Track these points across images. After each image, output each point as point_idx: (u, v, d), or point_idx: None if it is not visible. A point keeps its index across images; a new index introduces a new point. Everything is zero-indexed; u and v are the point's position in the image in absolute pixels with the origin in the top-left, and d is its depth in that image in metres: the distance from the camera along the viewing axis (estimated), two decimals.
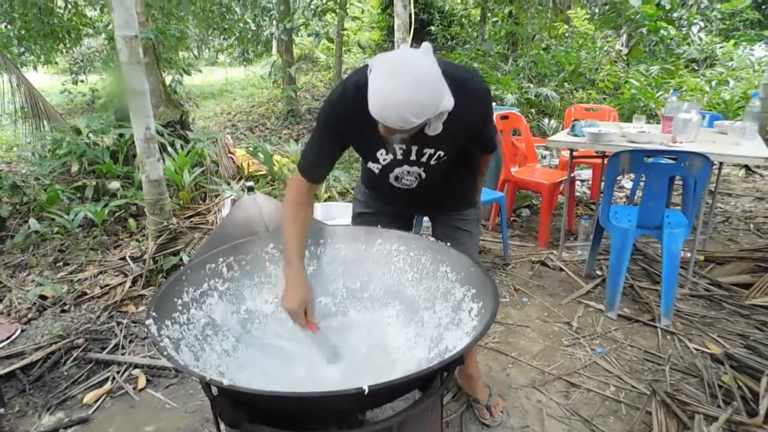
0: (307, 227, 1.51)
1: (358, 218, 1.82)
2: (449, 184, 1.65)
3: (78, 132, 4.68)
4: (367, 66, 1.25)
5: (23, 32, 7.88)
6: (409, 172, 1.53)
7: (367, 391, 0.91)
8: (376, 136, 1.32)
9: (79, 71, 10.92)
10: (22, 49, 8.65)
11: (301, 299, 1.38)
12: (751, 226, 3.90)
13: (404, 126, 1.16)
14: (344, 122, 1.41)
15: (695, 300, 2.80)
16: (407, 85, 1.11)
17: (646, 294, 2.84)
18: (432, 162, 1.50)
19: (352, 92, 1.35)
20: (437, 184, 1.60)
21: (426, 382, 1.25)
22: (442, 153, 1.47)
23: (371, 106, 1.16)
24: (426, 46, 1.21)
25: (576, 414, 1.98)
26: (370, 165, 1.54)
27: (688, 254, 2.99)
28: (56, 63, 11.37)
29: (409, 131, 1.21)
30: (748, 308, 2.66)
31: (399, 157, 1.49)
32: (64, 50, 9.98)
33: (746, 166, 5.41)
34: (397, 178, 1.56)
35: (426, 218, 1.99)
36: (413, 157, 1.48)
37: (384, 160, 1.50)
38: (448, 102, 1.17)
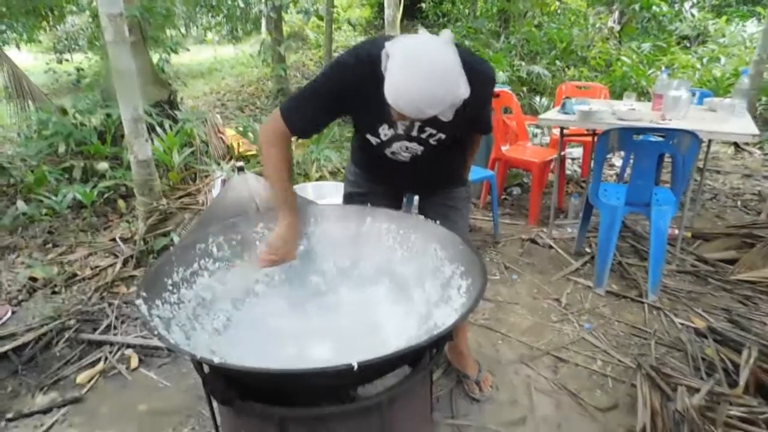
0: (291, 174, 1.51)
1: (350, 198, 1.82)
2: (440, 163, 1.65)
3: (64, 112, 4.60)
4: (382, 40, 1.23)
5: (4, 9, 7.67)
6: (407, 147, 1.52)
7: (356, 367, 0.93)
8: (380, 111, 1.30)
9: (64, 50, 10.68)
10: (3, 27, 8.44)
11: (294, 251, 1.50)
12: (739, 203, 3.94)
13: (419, 116, 1.16)
14: (351, 90, 1.37)
15: (682, 276, 2.84)
16: (425, 79, 1.10)
17: (633, 270, 2.88)
18: (431, 141, 1.49)
19: (366, 62, 1.31)
20: (429, 162, 1.60)
21: (415, 358, 1.27)
22: (443, 136, 1.47)
23: (387, 93, 1.15)
24: (447, 34, 1.18)
25: (564, 388, 2.02)
26: (369, 137, 1.52)
27: (676, 231, 3.03)
28: (39, 41, 11.10)
29: (423, 119, 1.20)
30: (732, 283, 2.71)
31: (400, 132, 1.47)
32: (47, 28, 9.75)
33: (735, 144, 5.45)
34: (393, 153, 1.55)
35: (416, 197, 1.99)
36: (414, 133, 1.48)
37: (385, 135, 1.49)
38: (464, 92, 1.16)
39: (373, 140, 1.52)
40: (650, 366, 1.90)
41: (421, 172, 1.64)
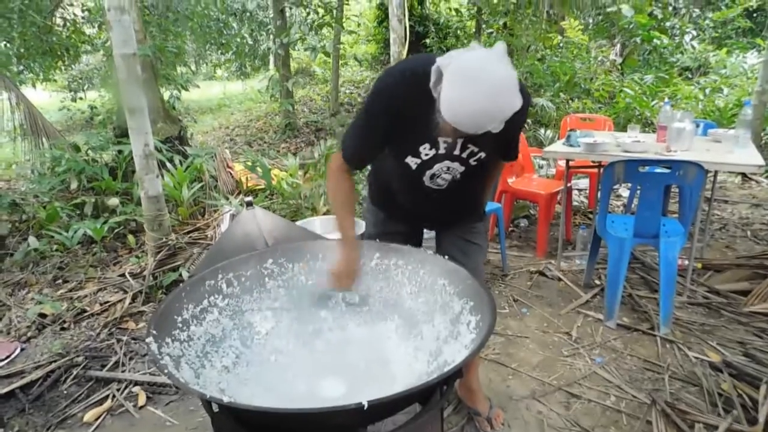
0: (355, 204, 1.60)
1: (373, 239, 1.80)
2: (465, 192, 1.64)
3: (77, 149, 4.70)
4: (432, 57, 1.23)
5: (22, 50, 7.93)
6: (449, 168, 1.51)
7: (366, 406, 0.92)
8: (424, 129, 1.31)
9: (78, 88, 10.99)
10: (21, 67, 8.70)
11: (356, 276, 1.54)
12: (748, 232, 3.92)
13: (478, 131, 1.17)
14: (397, 108, 1.38)
15: (694, 308, 2.81)
16: (484, 96, 1.11)
17: (644, 303, 2.85)
18: (472, 161, 1.49)
19: (410, 79, 1.32)
20: (455, 192, 1.59)
21: (426, 395, 1.26)
22: (483, 154, 1.48)
23: (446, 110, 1.15)
24: (500, 47, 1.17)
25: (577, 425, 1.98)
26: (408, 160, 1.51)
27: (686, 262, 3.01)
28: (55, 80, 11.43)
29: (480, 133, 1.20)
30: (746, 315, 2.67)
31: (442, 151, 1.47)
32: (62, 67, 10.04)
33: (742, 173, 5.44)
34: (432, 177, 1.54)
35: (427, 232, 1.99)
36: (457, 152, 1.47)
37: (426, 155, 1.48)
38: (518, 103, 1.16)
39: (413, 163, 1.51)
40: (665, 402, 1.87)
41: (447, 205, 1.64)
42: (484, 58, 1.14)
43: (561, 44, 8.42)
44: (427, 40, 11.26)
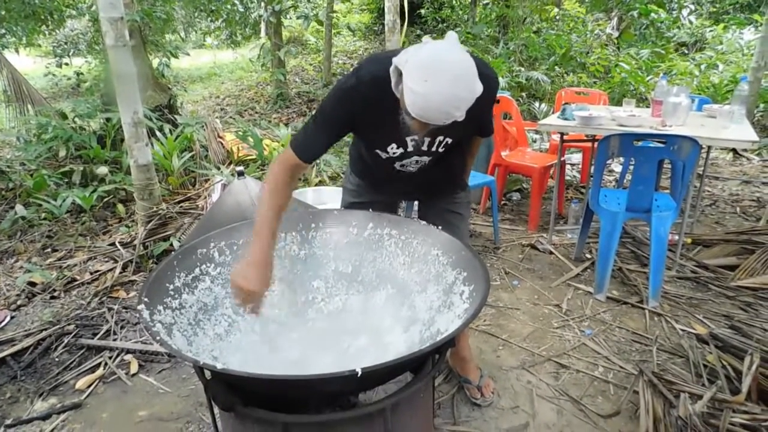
0: (285, 210, 1.40)
1: (350, 207, 1.82)
2: (443, 169, 1.66)
3: (64, 116, 4.60)
4: (386, 57, 1.25)
5: (3, 13, 7.68)
6: (417, 161, 1.54)
7: (360, 373, 0.92)
8: (389, 130, 1.33)
9: (63, 54, 10.70)
10: (3, 31, 8.44)
11: (265, 282, 1.29)
12: (738, 209, 3.95)
13: (447, 121, 1.17)
14: (355, 113, 1.38)
15: (682, 282, 2.84)
16: (448, 85, 1.11)
17: (634, 276, 2.88)
18: (440, 149, 1.51)
19: (369, 84, 1.32)
20: (433, 169, 1.61)
21: (418, 364, 1.27)
22: (450, 140, 1.48)
23: (413, 107, 1.15)
24: (453, 36, 1.19)
25: (565, 394, 2.01)
26: (378, 152, 1.52)
27: (676, 237, 3.03)
28: (39, 45, 11.13)
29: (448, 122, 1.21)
30: (733, 290, 2.71)
31: (410, 149, 1.49)
32: (46, 32, 9.76)
33: (734, 150, 5.46)
34: (403, 165, 1.57)
35: (415, 203, 1.99)
36: (425, 148, 1.49)
37: (394, 153, 1.50)
38: (479, 87, 1.17)
39: (383, 155, 1.53)
40: (652, 372, 1.90)
41: (426, 179, 1.65)
42: (439, 49, 1.15)
43: (557, 17, 8.30)
44: (422, 10, 11.06)
